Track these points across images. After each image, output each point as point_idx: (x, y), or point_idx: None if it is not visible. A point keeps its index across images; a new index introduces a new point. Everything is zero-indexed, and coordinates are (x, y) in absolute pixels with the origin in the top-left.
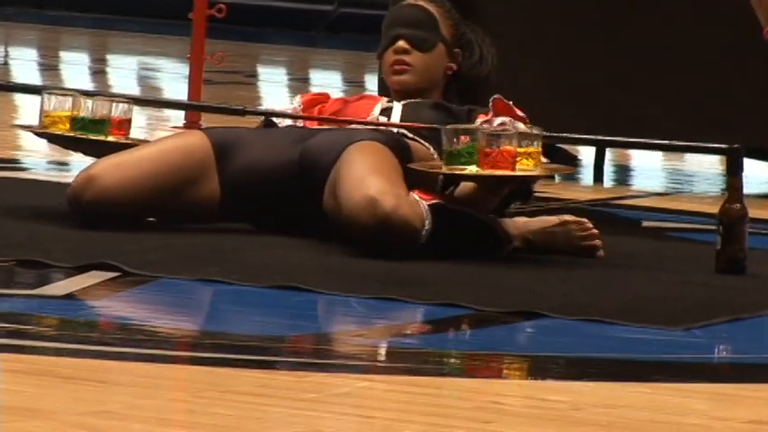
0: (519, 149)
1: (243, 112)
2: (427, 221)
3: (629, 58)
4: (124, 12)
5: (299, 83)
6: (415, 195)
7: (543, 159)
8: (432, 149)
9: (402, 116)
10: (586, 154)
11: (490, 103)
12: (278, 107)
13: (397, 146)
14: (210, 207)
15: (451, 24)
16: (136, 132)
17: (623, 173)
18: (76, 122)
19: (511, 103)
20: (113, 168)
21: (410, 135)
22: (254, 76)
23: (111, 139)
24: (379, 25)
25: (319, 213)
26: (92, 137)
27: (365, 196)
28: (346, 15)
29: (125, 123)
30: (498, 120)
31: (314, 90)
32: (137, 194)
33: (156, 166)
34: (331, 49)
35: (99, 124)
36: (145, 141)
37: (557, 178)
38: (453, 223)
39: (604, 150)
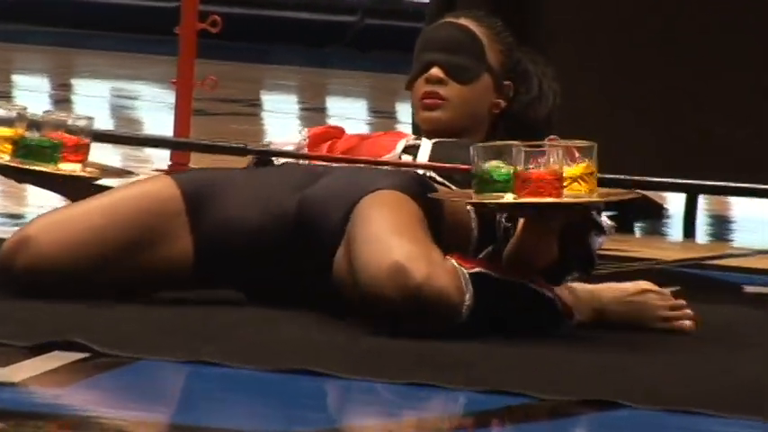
0: (570, 171)
1: (244, 152)
2: (468, 294)
3: (705, 73)
4: (93, 25)
5: (312, 114)
6: (453, 261)
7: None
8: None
9: (431, 156)
10: (674, 201)
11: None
12: (282, 142)
13: (424, 195)
14: (180, 273)
15: (502, 50)
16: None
17: (720, 224)
18: (19, 147)
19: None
20: (53, 227)
21: (440, 179)
22: (257, 105)
23: (65, 167)
24: (415, 40)
25: (323, 282)
26: (37, 167)
27: (390, 263)
28: (373, 28)
29: (83, 147)
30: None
31: (332, 123)
32: (83, 259)
33: (108, 222)
34: (353, 70)
35: (48, 149)
36: (110, 170)
37: (637, 232)
38: (500, 295)
39: (696, 197)
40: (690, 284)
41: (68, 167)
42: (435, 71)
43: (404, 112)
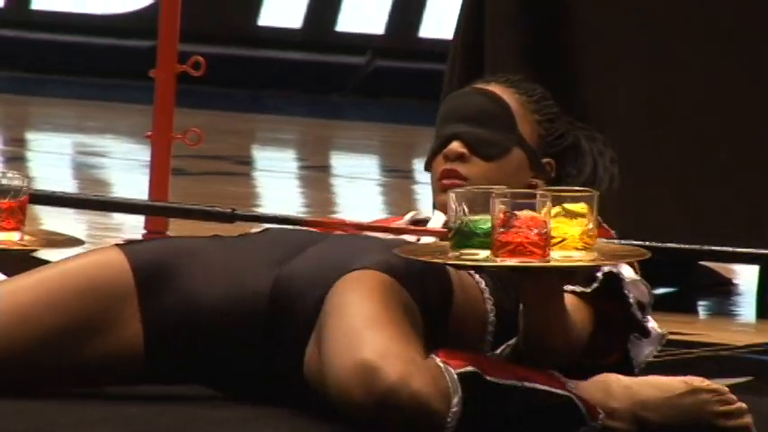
0: (562, 223)
1: (231, 217)
2: (455, 399)
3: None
4: (52, 68)
5: (314, 173)
6: (438, 360)
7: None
8: (483, 283)
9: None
10: (744, 274)
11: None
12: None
13: (423, 277)
14: (127, 364)
15: (540, 121)
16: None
17: None
18: None
19: (613, 233)
20: None
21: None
22: (249, 163)
23: None
24: (435, 84)
25: (297, 374)
26: None
27: (358, 362)
28: (385, 71)
29: (17, 210)
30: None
31: (336, 183)
32: (11, 352)
33: (38, 306)
34: (362, 120)
35: None
36: (55, 238)
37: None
38: (498, 398)
39: None
40: (764, 374)
41: (1, 237)
42: (455, 146)
43: (422, 169)
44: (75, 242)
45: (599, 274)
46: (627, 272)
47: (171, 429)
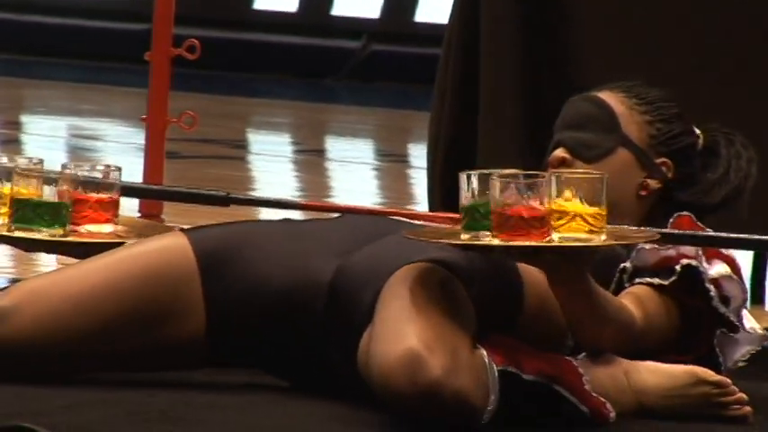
0: (563, 203)
1: (226, 200)
2: (493, 397)
3: None
4: (47, 51)
5: (309, 157)
6: (484, 354)
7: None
8: None
9: None
10: (740, 261)
11: (670, 222)
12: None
13: (485, 276)
14: (190, 352)
15: (650, 121)
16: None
17: None
18: (16, 209)
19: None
20: (31, 298)
21: None
22: (243, 146)
23: (90, 228)
24: (430, 68)
25: (350, 365)
26: (24, 234)
27: (403, 351)
28: (381, 55)
29: (107, 205)
30: (687, 249)
31: (331, 167)
32: (68, 339)
33: (99, 294)
34: (357, 105)
35: (50, 210)
36: (145, 228)
37: None
38: (528, 395)
39: (766, 257)
40: (758, 359)
41: (93, 228)
42: (558, 152)
43: (417, 154)
44: (166, 229)
45: (677, 267)
46: (720, 268)
47: (164, 412)
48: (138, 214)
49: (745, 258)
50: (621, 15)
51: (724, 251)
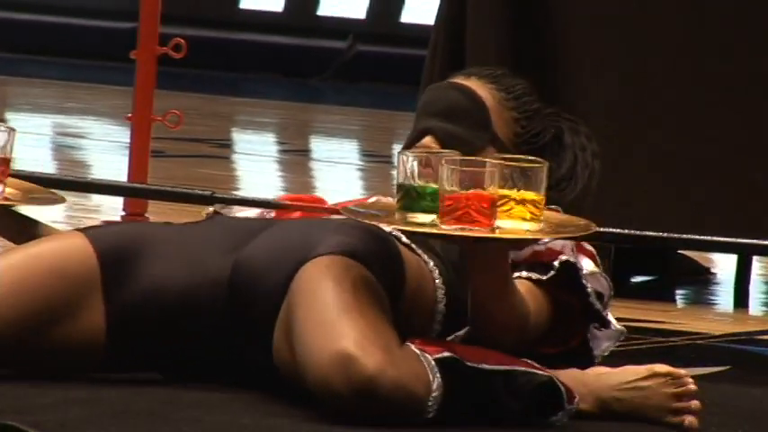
0: (507, 192)
1: (211, 200)
2: (435, 384)
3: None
4: (32, 49)
5: (294, 156)
6: (414, 347)
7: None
8: (436, 272)
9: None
10: (723, 264)
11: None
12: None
13: (382, 260)
14: (89, 350)
15: (517, 119)
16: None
17: None
18: None
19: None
20: None
21: (405, 240)
22: (228, 145)
23: None
24: (416, 69)
25: (261, 356)
26: None
27: (336, 352)
28: (366, 56)
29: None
30: (559, 243)
31: (316, 172)
32: None
33: (2, 292)
34: (343, 105)
35: None
36: (38, 194)
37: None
38: (477, 382)
39: (750, 260)
40: (741, 363)
41: None
42: (427, 141)
43: None
44: (55, 200)
45: (556, 263)
46: (587, 264)
47: (148, 411)
48: (123, 213)
49: (729, 262)
50: (608, 15)
51: (586, 246)
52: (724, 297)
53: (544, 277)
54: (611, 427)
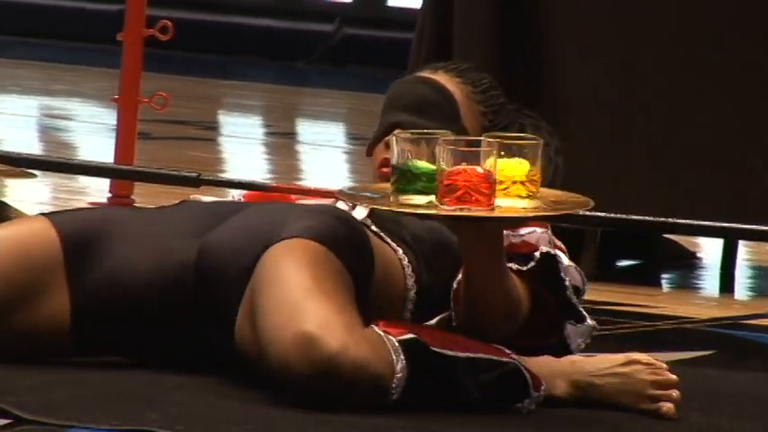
0: (511, 171)
1: (197, 182)
2: (399, 366)
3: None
4: (19, 31)
5: (280, 139)
6: (378, 329)
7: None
8: (405, 260)
9: (377, 212)
10: (709, 249)
11: None
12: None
13: (349, 245)
14: (54, 335)
15: (484, 112)
16: (32, 208)
17: (764, 277)
18: None
19: (548, 225)
20: None
21: (375, 228)
22: (214, 128)
23: None
24: (403, 53)
25: (230, 345)
26: None
27: (297, 333)
28: (353, 39)
29: None
30: (528, 229)
31: (303, 150)
32: None
33: None
34: (329, 88)
35: None
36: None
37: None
38: (441, 366)
39: (736, 245)
40: (726, 347)
41: None
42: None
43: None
44: (29, 174)
45: (536, 254)
46: (562, 258)
47: (132, 393)
48: (109, 195)
49: (715, 246)
50: (594, 7)
51: (556, 240)
52: (710, 282)
53: (524, 268)
54: (585, 413)
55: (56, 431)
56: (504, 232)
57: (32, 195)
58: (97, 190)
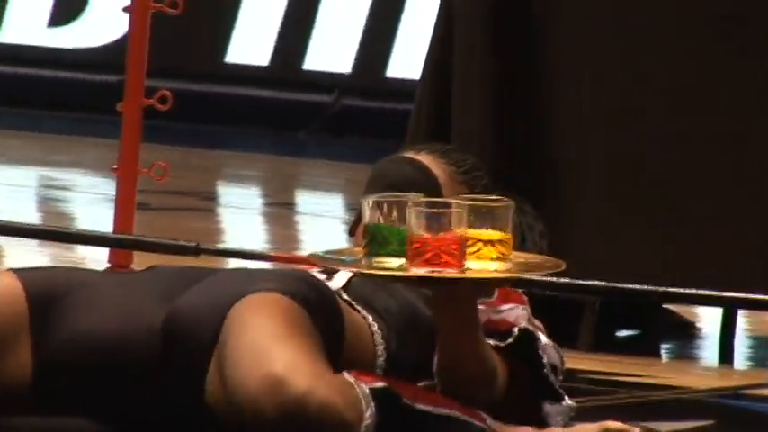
0: (477, 234)
1: (196, 251)
2: (368, 412)
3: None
4: (17, 101)
5: (279, 210)
6: (349, 376)
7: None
8: (375, 326)
9: (351, 285)
10: (708, 318)
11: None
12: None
13: (318, 306)
14: (14, 394)
15: (467, 192)
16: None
17: (764, 347)
18: None
19: (525, 299)
20: None
21: (345, 296)
22: (213, 199)
23: None
24: (401, 123)
25: (196, 408)
26: None
27: (265, 375)
28: (352, 110)
29: None
30: (507, 306)
31: (301, 221)
32: None
33: None
34: (328, 159)
35: None
36: None
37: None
38: (413, 423)
39: (736, 313)
40: (726, 418)
41: None
42: None
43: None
44: None
45: (514, 330)
46: (541, 336)
47: None
48: (108, 264)
49: (714, 316)
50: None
51: (535, 320)
52: (709, 352)
53: (502, 344)
54: None
55: None
56: (483, 308)
57: (31, 262)
58: (96, 260)
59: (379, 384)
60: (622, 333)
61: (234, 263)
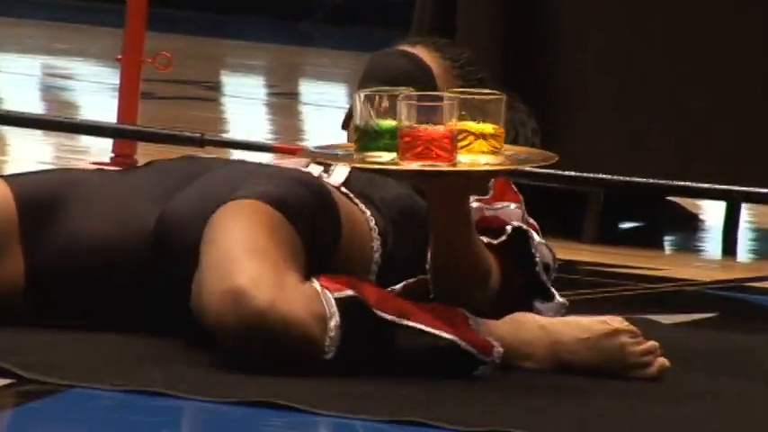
0: (467, 125)
1: (200, 142)
2: (332, 323)
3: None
4: None
5: (283, 99)
6: (317, 284)
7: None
8: (372, 222)
9: (351, 179)
10: (711, 211)
11: (491, 183)
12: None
13: (307, 210)
14: (6, 298)
15: (462, 86)
16: (34, 168)
17: (767, 240)
18: None
19: (520, 197)
20: None
21: (344, 190)
22: (217, 88)
23: None
24: (404, 13)
25: (186, 315)
26: None
27: (229, 288)
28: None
29: None
30: (501, 204)
31: (305, 110)
32: None
33: None
34: (331, 48)
35: None
36: None
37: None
38: (381, 333)
39: (739, 207)
40: (728, 310)
41: None
42: None
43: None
44: None
45: (508, 228)
46: (533, 234)
47: (135, 353)
48: (112, 154)
49: (718, 209)
50: None
51: (530, 219)
52: (712, 244)
53: (495, 241)
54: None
55: (59, 391)
56: (478, 206)
57: (35, 155)
58: (100, 150)
59: (347, 293)
60: (626, 225)
61: (237, 154)
